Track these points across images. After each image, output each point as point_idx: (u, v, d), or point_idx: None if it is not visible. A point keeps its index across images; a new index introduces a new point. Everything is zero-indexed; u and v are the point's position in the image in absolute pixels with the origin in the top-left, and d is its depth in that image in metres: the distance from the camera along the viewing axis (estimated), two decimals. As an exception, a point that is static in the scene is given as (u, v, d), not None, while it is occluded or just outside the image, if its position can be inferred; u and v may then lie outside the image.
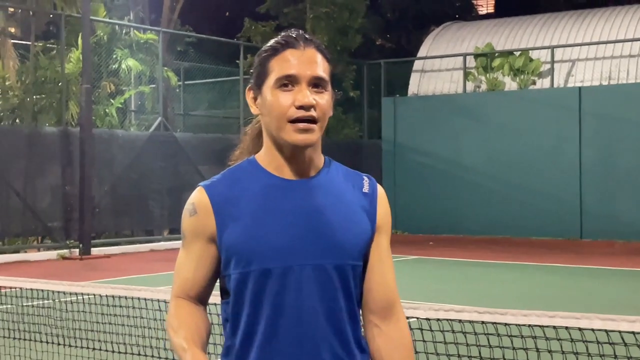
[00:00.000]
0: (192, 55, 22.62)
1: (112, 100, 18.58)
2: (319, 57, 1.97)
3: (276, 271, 1.92)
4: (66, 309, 5.70)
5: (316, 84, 1.94)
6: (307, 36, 1.99)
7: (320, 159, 2.03)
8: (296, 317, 1.92)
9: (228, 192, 1.98)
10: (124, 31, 19.52)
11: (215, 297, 2.09)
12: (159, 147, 17.96)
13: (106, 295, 5.15)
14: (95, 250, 16.02)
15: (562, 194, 18.60)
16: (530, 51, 20.40)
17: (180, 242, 2.08)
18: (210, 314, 2.16)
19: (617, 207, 18.02)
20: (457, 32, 22.71)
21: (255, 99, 2.02)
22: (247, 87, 2.04)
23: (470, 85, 21.10)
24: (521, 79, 20.23)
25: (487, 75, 20.74)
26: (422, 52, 22.71)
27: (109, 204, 17.16)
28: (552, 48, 19.84)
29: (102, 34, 18.56)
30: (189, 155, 18.60)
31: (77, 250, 15.77)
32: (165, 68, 19.20)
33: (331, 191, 2.00)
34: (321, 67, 1.96)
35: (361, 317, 2.08)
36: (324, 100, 1.95)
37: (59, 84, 17.09)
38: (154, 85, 19.28)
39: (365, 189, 2.05)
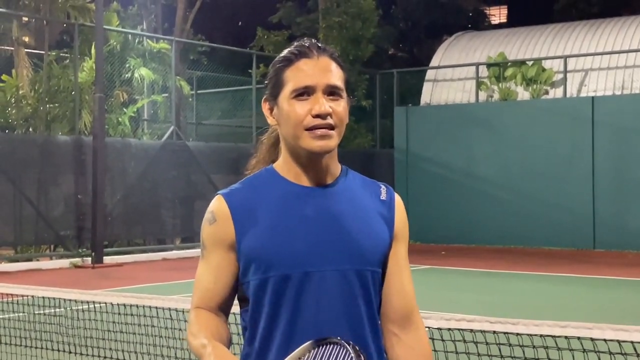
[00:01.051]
0: (204, 64, 22.70)
1: (125, 109, 18.66)
2: (333, 65, 1.98)
3: (295, 277, 1.92)
4: (77, 317, 5.72)
5: (332, 92, 1.96)
6: (320, 45, 2.00)
7: (337, 167, 2.04)
8: (314, 323, 1.92)
9: (247, 200, 1.99)
10: (137, 40, 19.61)
11: (234, 307, 2.07)
12: (171, 156, 18.01)
13: (117, 304, 5.16)
14: (107, 259, 16.05)
15: (574, 205, 18.53)
16: (543, 61, 20.37)
17: (193, 250, 2.09)
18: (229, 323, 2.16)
19: (630, 218, 17.93)
20: (469, 41, 22.70)
21: (271, 110, 2.03)
22: (263, 99, 2.05)
23: (482, 95, 21.07)
24: (534, 89, 20.19)
25: (500, 84, 20.71)
26: (434, 62, 22.71)
27: (121, 212, 17.20)
28: (565, 58, 19.80)
29: (115, 43, 18.66)
30: (201, 164, 18.64)
31: (90, 258, 15.81)
32: (178, 77, 19.27)
33: (349, 198, 2.01)
34: (336, 75, 1.97)
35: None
36: (341, 107, 1.96)
37: (72, 93, 17.17)
38: (166, 94, 19.35)
39: (383, 196, 2.07)
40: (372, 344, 1.99)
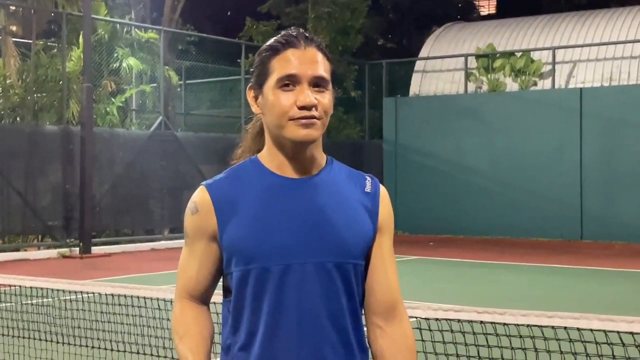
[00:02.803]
0: (193, 54, 22.64)
1: (113, 99, 18.58)
2: (320, 57, 1.97)
3: (276, 269, 1.92)
4: (65, 307, 5.71)
5: (317, 83, 1.94)
6: (307, 35, 1.99)
7: (322, 158, 2.03)
8: (297, 316, 1.92)
9: (230, 191, 1.98)
10: (125, 30, 19.52)
11: (216, 296, 2.09)
12: (159, 146, 17.97)
13: (105, 294, 5.16)
14: (95, 249, 16.02)
15: (562, 196, 18.61)
16: (531, 52, 20.41)
17: (181, 240, 2.10)
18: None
19: (618, 209, 18.02)
20: (458, 32, 22.71)
21: (256, 98, 2.02)
22: (248, 87, 2.04)
23: (471, 86, 21.10)
24: (522, 80, 20.23)
25: (488, 76, 20.74)
26: (423, 53, 22.72)
27: (109, 202, 17.16)
28: (554, 49, 19.84)
29: (103, 32, 18.57)
30: (190, 154, 18.60)
31: (78, 249, 15.78)
32: (167, 67, 19.20)
33: (333, 190, 2.00)
34: (322, 67, 1.95)
35: (363, 318, 2.07)
36: (326, 99, 1.95)
37: (60, 83, 17.09)
38: (155, 84, 19.29)
39: (368, 188, 2.05)
40: (354, 337, 1.98)
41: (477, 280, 12.56)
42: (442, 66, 22.01)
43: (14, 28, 19.69)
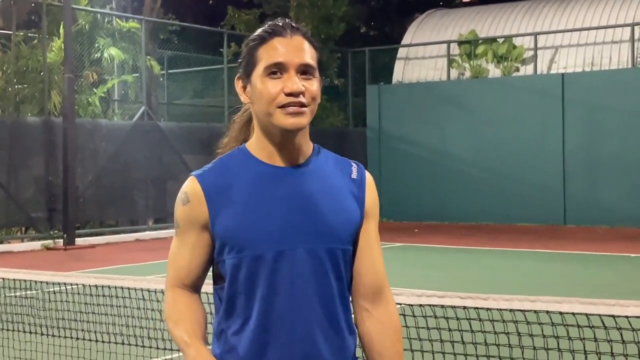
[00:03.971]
0: (175, 43, 22.52)
1: (94, 90, 18.49)
2: (306, 45, 1.99)
3: (268, 256, 1.96)
4: (49, 299, 5.70)
5: (304, 71, 1.97)
6: (293, 24, 2.01)
7: (309, 146, 2.06)
8: (289, 301, 1.96)
9: (220, 181, 2.01)
10: (106, 20, 19.42)
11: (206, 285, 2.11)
12: (143, 137, 17.90)
13: (89, 285, 5.15)
14: (79, 241, 15.97)
15: (545, 181, 18.70)
16: (513, 38, 20.46)
17: (166, 231, 2.11)
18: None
19: (600, 194, 18.13)
20: (440, 19, 22.72)
21: (244, 87, 2.04)
22: (236, 77, 2.06)
23: (454, 73, 21.13)
24: (505, 66, 20.28)
25: (471, 62, 20.77)
26: (406, 40, 22.72)
27: (93, 194, 17.10)
28: (535, 35, 19.89)
29: (83, 22, 18.45)
30: (173, 144, 18.56)
31: (61, 240, 15.72)
32: (149, 57, 19.11)
33: (321, 177, 2.04)
34: (308, 54, 1.98)
35: (351, 301, 2.12)
36: (313, 86, 1.98)
37: (41, 74, 16.98)
38: (137, 74, 19.20)
39: (354, 175, 2.09)
40: (343, 319, 2.04)
41: (461, 266, 12.61)
42: (425, 53, 22.03)
43: (-7, 19, 19.51)
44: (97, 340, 5.22)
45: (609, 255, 13.48)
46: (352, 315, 2.11)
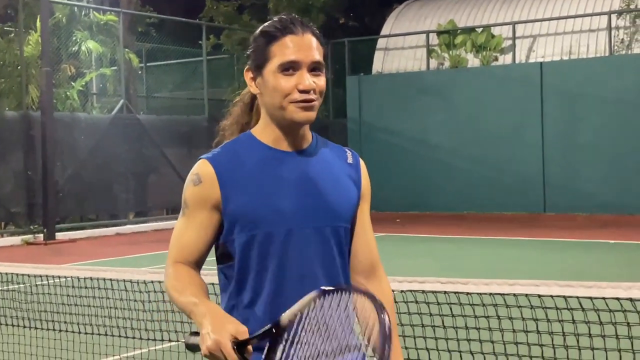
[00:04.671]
0: (153, 36, 22.44)
1: (73, 83, 18.39)
2: (315, 42, 2.13)
3: (280, 234, 2.10)
4: (31, 292, 5.70)
5: (314, 68, 2.12)
6: (303, 22, 2.15)
7: (309, 133, 2.22)
8: (298, 275, 2.10)
9: (229, 163, 2.14)
10: (83, 13, 19.29)
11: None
12: (122, 130, 17.84)
13: (72, 277, 5.16)
14: (59, 235, 15.91)
15: (525, 169, 18.82)
16: (492, 27, 20.54)
17: (147, 224, 2.14)
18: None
19: (580, 181, 18.27)
20: (419, 9, 22.77)
21: (254, 79, 2.17)
22: (246, 68, 2.19)
23: (433, 63, 21.20)
24: (483, 56, 20.37)
25: (450, 52, 20.84)
26: (385, 31, 22.75)
27: (72, 188, 17.03)
28: (514, 24, 19.99)
29: (60, 15, 18.33)
30: (153, 137, 18.50)
31: (42, 235, 15.66)
32: (127, 50, 19.03)
33: (322, 161, 2.20)
34: (318, 52, 2.13)
35: None
36: (322, 81, 2.13)
37: (18, 68, 16.88)
38: (115, 68, 19.11)
39: (349, 160, 2.26)
40: None
41: (444, 255, 12.70)
42: (404, 43, 22.07)
43: (-31, 13, 19.35)
44: (79, 332, 5.23)
45: (588, 242, 13.61)
46: None
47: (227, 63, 23.94)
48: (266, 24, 2.17)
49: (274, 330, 1.84)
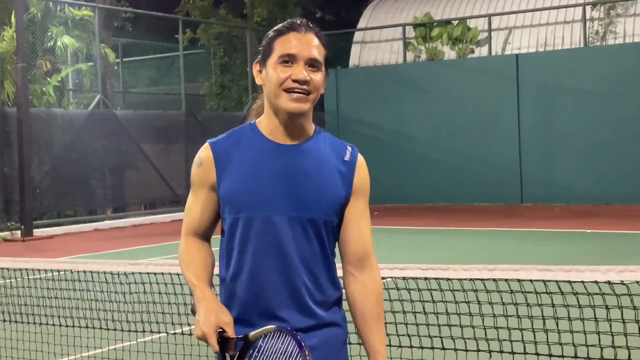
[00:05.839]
0: (129, 31, 22.30)
1: (49, 79, 18.24)
2: (316, 42, 2.32)
3: (258, 219, 2.29)
4: (10, 286, 5.66)
5: (312, 64, 2.29)
6: (310, 24, 2.35)
7: (310, 128, 2.37)
8: (275, 256, 2.29)
9: (229, 150, 2.34)
10: (58, 8, 19.13)
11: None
12: (99, 125, 17.74)
13: (52, 270, 5.14)
14: (37, 232, 15.81)
15: (502, 161, 18.92)
16: (467, 20, 20.62)
17: (125, 220, 2.18)
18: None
19: (556, 172, 18.40)
20: (395, 2, 22.81)
21: (260, 72, 2.36)
22: (255, 62, 2.39)
23: (410, 55, 21.25)
24: (460, 48, 20.44)
25: (427, 45, 20.90)
26: (361, 24, 22.78)
27: (50, 184, 16.92)
28: (489, 16, 20.07)
29: (35, 11, 18.17)
30: (130, 132, 18.41)
31: (19, 232, 15.55)
32: (103, 45, 18.91)
33: (315, 156, 2.34)
34: (317, 50, 2.31)
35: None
36: (317, 77, 2.31)
37: (-7, 64, 16.73)
38: (91, 63, 18.98)
39: (347, 157, 2.40)
40: (325, 278, 2.35)
41: (422, 247, 12.75)
42: (381, 36, 22.11)
43: (-58, 9, 19.14)
44: (60, 325, 5.21)
45: (565, 232, 13.71)
46: (336, 274, 2.40)
47: (203, 57, 23.87)
48: (279, 24, 2.37)
49: (244, 342, 2.17)
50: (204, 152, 2.37)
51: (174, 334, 5.02)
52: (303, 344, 2.06)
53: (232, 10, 24.68)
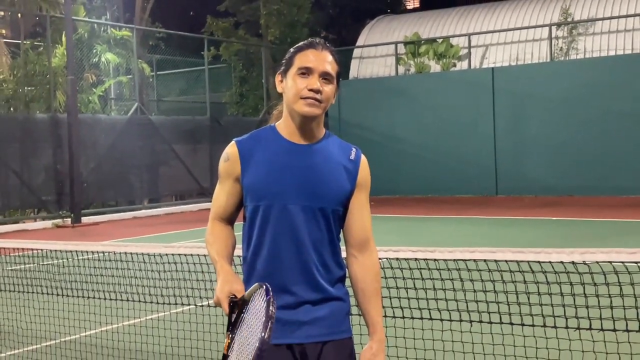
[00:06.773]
0: (162, 48, 22.30)
1: (94, 89, 18.28)
2: (331, 58, 2.33)
3: (276, 207, 2.30)
4: (63, 265, 5.67)
5: (325, 77, 2.31)
6: (327, 43, 2.36)
7: (321, 132, 2.39)
8: (290, 241, 2.30)
9: (251, 148, 2.35)
10: (102, 29, 19.16)
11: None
12: (136, 129, 17.75)
13: (97, 252, 5.13)
14: (85, 219, 15.83)
15: (480, 159, 18.89)
16: (450, 38, 20.56)
17: (159, 209, 2.19)
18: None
19: (526, 168, 18.37)
20: (389, 24, 22.75)
21: (281, 81, 2.37)
22: (277, 73, 2.39)
23: (401, 69, 21.20)
24: (444, 62, 20.39)
25: (415, 60, 20.85)
26: (360, 42, 22.72)
27: (95, 179, 16.94)
28: (469, 35, 20.01)
29: (83, 31, 18.20)
30: (163, 135, 18.42)
31: (69, 219, 15.57)
32: (140, 60, 18.92)
33: (325, 155, 2.35)
34: (330, 66, 2.32)
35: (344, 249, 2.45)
36: (328, 88, 2.32)
37: (47, 76, 16.74)
38: (130, 76, 18.99)
39: (352, 157, 2.42)
40: (332, 259, 2.36)
41: (412, 232, 12.73)
42: (376, 53, 22.06)
43: (3, 31, 19.20)
44: (104, 299, 5.22)
45: (534, 219, 13.69)
46: (341, 257, 2.40)
47: (225, 71, 23.84)
48: (300, 42, 2.38)
49: (242, 301, 2.15)
50: (231, 149, 2.37)
51: (202, 306, 5.03)
52: (270, 295, 2.03)
53: (250, 31, 24.66)
